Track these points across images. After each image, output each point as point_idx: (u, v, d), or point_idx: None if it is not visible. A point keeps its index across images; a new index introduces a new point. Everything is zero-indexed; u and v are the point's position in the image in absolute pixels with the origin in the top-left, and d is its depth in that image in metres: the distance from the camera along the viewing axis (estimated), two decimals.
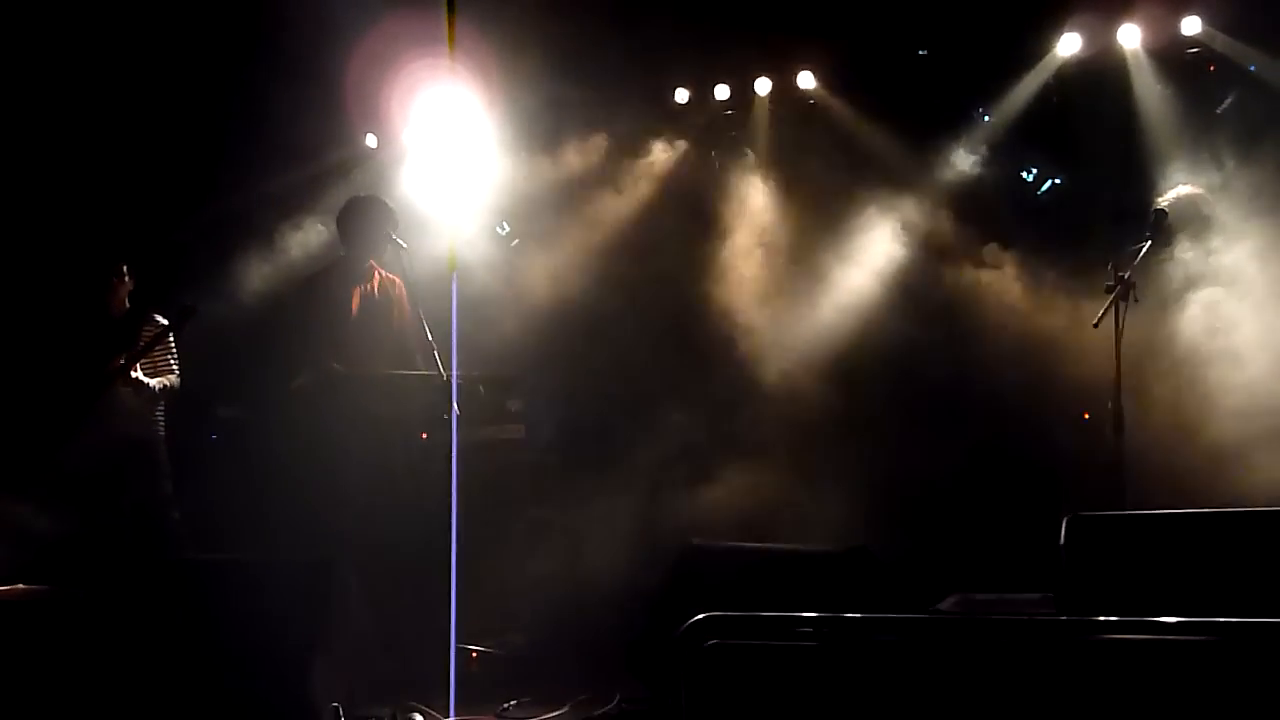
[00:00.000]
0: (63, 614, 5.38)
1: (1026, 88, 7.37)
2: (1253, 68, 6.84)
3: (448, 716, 5.12)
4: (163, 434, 6.57)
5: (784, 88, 7.92)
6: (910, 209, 7.49)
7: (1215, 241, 5.99)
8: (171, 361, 6.53)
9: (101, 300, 6.51)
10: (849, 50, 7.68)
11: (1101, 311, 5.37)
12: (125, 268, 6.56)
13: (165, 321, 6.46)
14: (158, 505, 6.50)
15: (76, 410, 6.24)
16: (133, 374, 6.22)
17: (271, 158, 7.79)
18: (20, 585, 5.70)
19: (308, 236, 7.84)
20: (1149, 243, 5.62)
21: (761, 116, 8.06)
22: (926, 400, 7.40)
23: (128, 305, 6.57)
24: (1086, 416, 6.78)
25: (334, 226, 6.89)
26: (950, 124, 7.60)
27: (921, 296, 7.47)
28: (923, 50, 7.63)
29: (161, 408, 6.59)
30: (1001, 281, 7.21)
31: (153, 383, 6.35)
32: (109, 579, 5.68)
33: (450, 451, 5.52)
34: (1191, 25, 6.88)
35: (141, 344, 6.31)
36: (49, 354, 6.50)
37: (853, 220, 7.56)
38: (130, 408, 6.35)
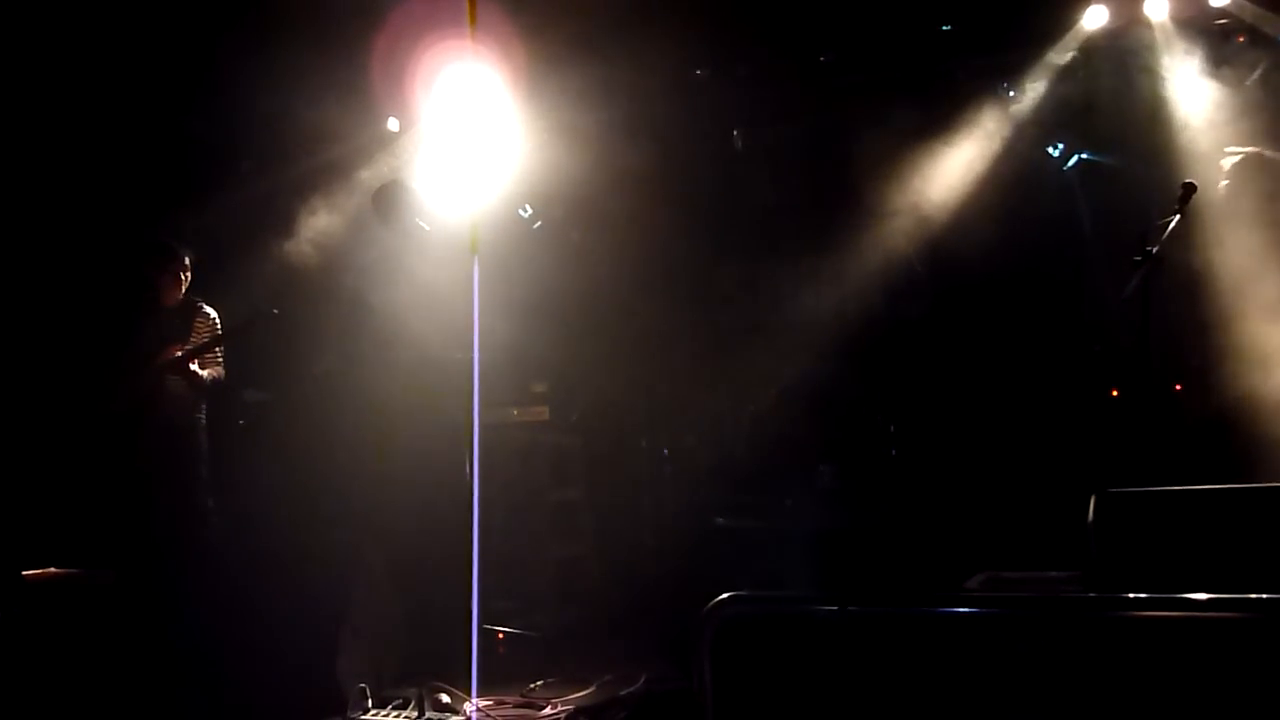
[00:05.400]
0: (93, 597, 5.44)
1: (1052, 61, 7.29)
2: None
3: (471, 697, 5.13)
4: (204, 422, 6.60)
5: (805, 67, 7.86)
6: (932, 185, 7.44)
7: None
8: (219, 356, 6.56)
9: (154, 287, 6.52)
10: (872, 26, 7.60)
11: (1130, 285, 5.30)
12: (187, 260, 6.56)
13: (213, 313, 6.49)
14: (194, 490, 6.53)
15: (125, 397, 6.28)
16: (190, 366, 6.26)
17: (293, 142, 7.79)
18: (52, 569, 5.76)
19: (330, 221, 7.84)
20: (1177, 216, 5.54)
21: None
22: (954, 377, 7.36)
23: (181, 296, 6.56)
24: (1115, 393, 6.73)
25: (356, 212, 6.88)
26: (975, 100, 7.53)
27: (941, 275, 7.43)
28: (946, 25, 7.55)
29: (204, 398, 6.62)
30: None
31: (205, 374, 6.39)
32: (140, 562, 5.74)
33: (473, 432, 5.51)
34: None
35: (196, 339, 6.34)
36: (96, 341, 6.55)
37: (872, 198, 7.51)
38: (177, 396, 6.38)
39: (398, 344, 6.26)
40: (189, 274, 6.59)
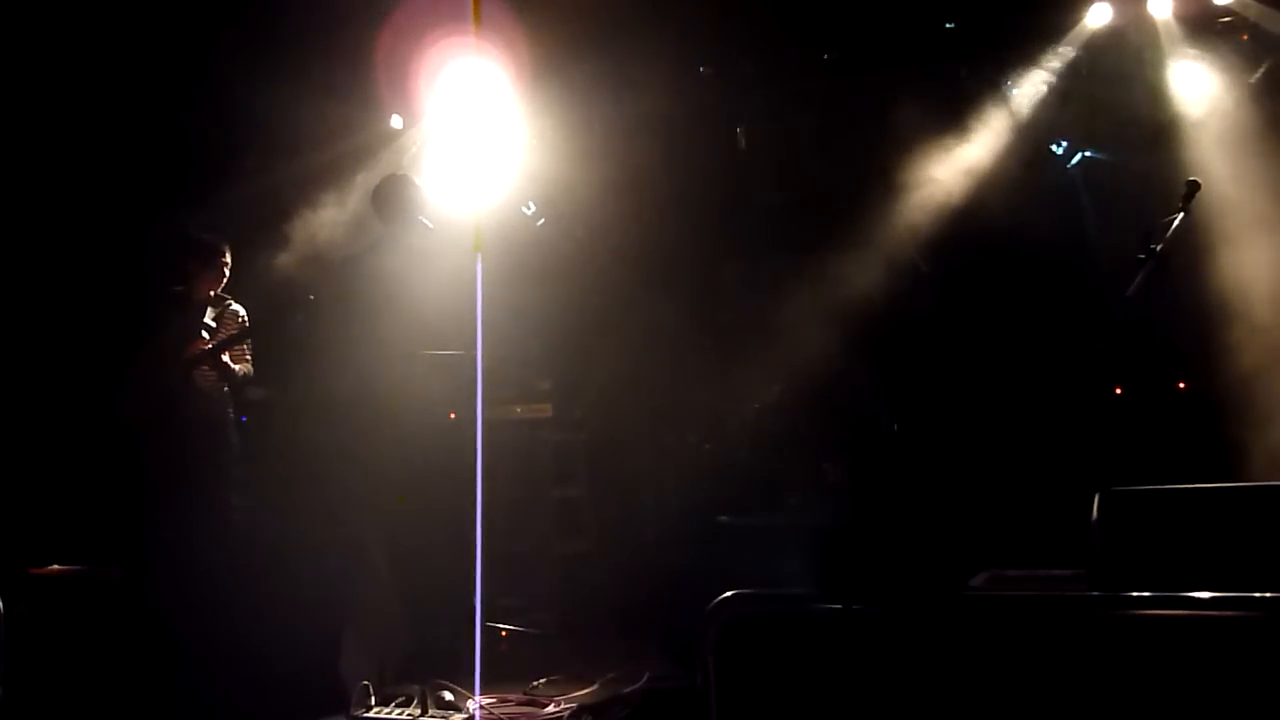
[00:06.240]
0: (97, 593, 5.45)
1: (1056, 59, 7.29)
2: None
3: (474, 694, 5.13)
4: (234, 418, 6.58)
5: (809, 65, 7.86)
6: (936, 183, 7.44)
7: None
8: (247, 352, 6.55)
9: (191, 281, 6.49)
10: (877, 25, 7.60)
11: (1135, 282, 5.30)
12: (228, 258, 6.52)
13: (241, 310, 6.48)
14: (221, 486, 6.51)
15: (153, 392, 6.26)
16: (222, 358, 6.24)
17: (295, 139, 7.79)
18: (55, 565, 5.78)
19: (334, 218, 7.85)
20: (1181, 214, 5.54)
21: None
22: (957, 374, 7.37)
23: (214, 293, 6.52)
24: (1119, 391, 6.73)
25: (359, 208, 6.87)
26: (978, 97, 7.53)
27: (948, 270, 7.43)
28: (949, 24, 7.54)
29: (234, 392, 6.61)
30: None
31: (238, 368, 6.38)
32: (151, 557, 5.75)
33: (477, 429, 5.51)
34: None
35: (225, 333, 6.32)
36: (122, 337, 6.55)
37: (876, 196, 7.51)
38: (206, 392, 6.37)
39: (401, 341, 6.26)
40: (227, 273, 6.56)
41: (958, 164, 7.48)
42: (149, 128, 7.41)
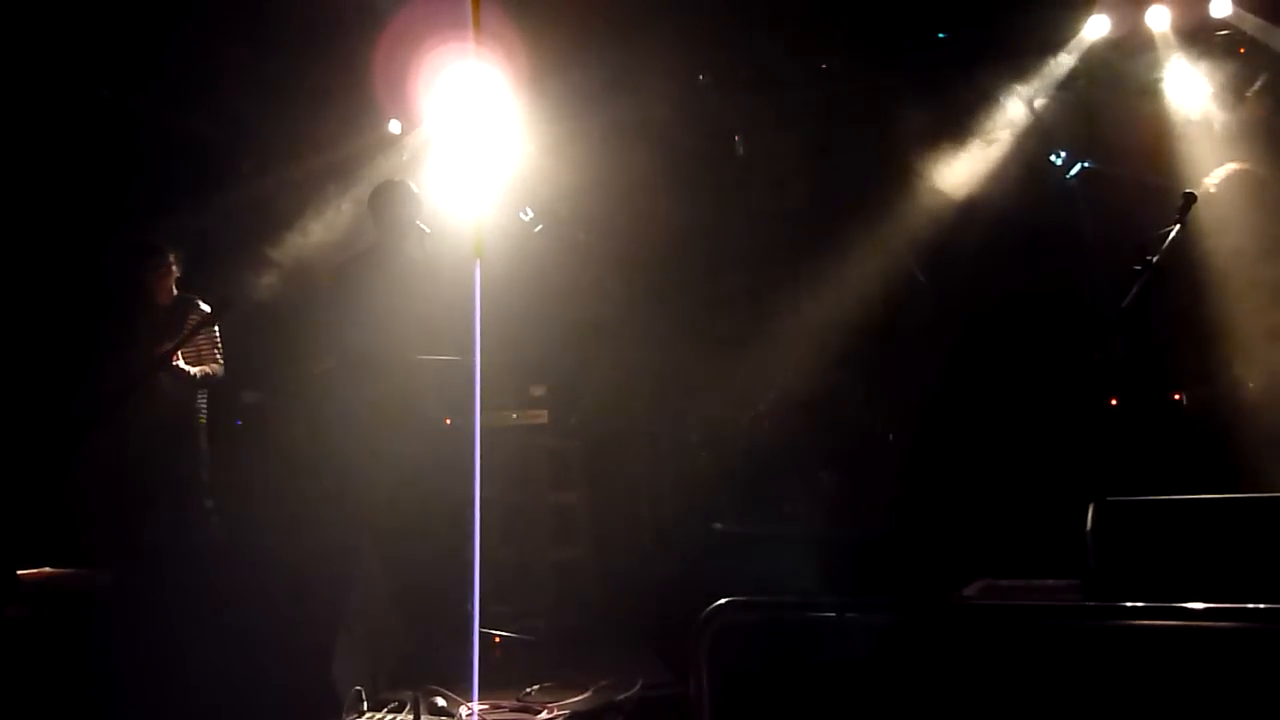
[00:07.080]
0: (89, 597, 5.43)
1: (1054, 71, 7.32)
2: None
3: (470, 701, 5.12)
4: (204, 421, 6.59)
5: (808, 74, 7.88)
6: (934, 193, 7.45)
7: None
8: (215, 351, 6.54)
9: (147, 287, 6.52)
10: (874, 35, 7.62)
11: (1130, 294, 5.30)
12: (173, 256, 6.58)
13: (204, 305, 6.49)
14: (192, 491, 6.52)
15: (119, 396, 6.25)
16: (174, 362, 6.23)
17: (294, 144, 7.79)
18: (47, 568, 5.75)
19: (331, 223, 7.85)
20: (1177, 226, 5.55)
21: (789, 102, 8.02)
22: (953, 384, 7.37)
23: (174, 293, 6.58)
24: (1114, 402, 6.74)
25: (356, 213, 6.87)
26: (976, 108, 7.55)
27: (943, 285, 7.44)
28: (942, 34, 7.56)
29: (203, 395, 6.61)
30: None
31: (195, 371, 6.37)
32: (134, 564, 5.73)
33: (473, 436, 5.51)
34: (1221, 7, 6.80)
35: (185, 332, 6.33)
36: (94, 340, 6.55)
37: (873, 205, 7.52)
38: (171, 395, 6.37)
39: (397, 345, 6.26)
40: (177, 271, 6.59)
41: (955, 174, 7.50)
42: (147, 133, 7.41)
